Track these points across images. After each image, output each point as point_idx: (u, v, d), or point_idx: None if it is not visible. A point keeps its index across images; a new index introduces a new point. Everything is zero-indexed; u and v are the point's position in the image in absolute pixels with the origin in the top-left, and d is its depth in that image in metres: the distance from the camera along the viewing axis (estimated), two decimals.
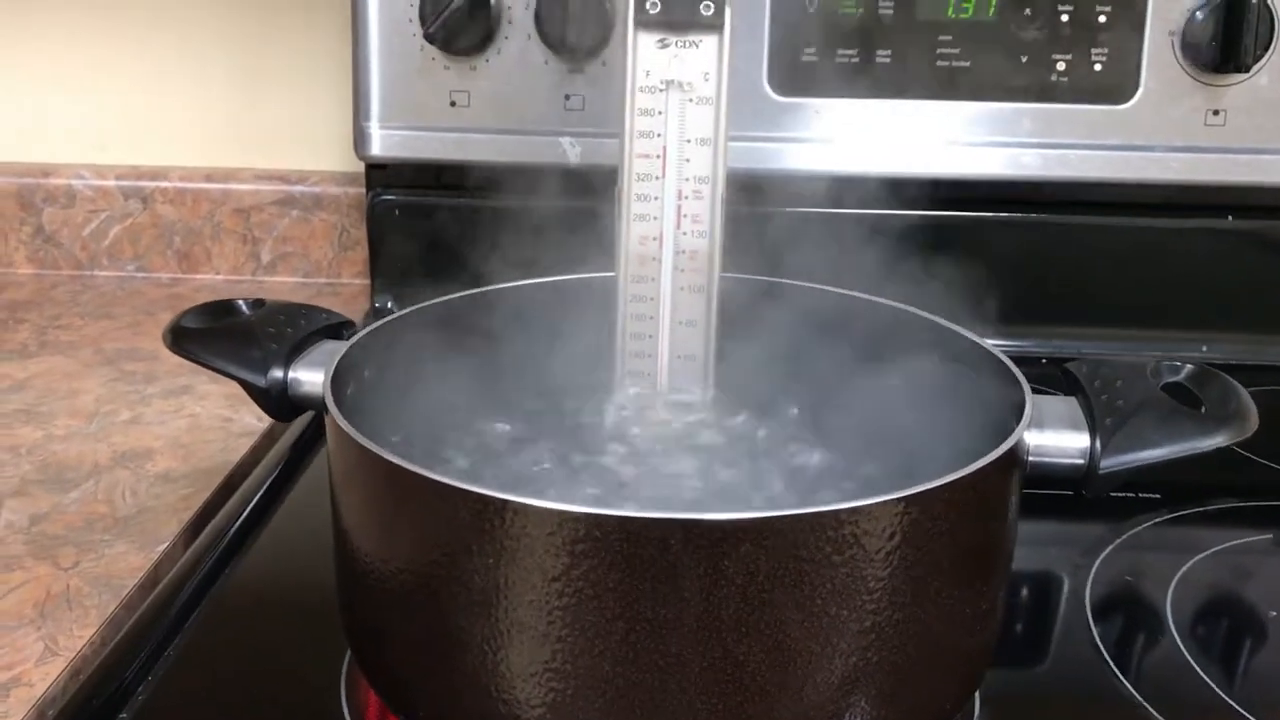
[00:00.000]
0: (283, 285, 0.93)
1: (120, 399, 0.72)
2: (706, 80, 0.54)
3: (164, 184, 0.92)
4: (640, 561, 0.36)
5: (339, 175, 0.92)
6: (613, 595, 0.36)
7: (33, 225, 0.93)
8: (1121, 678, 0.50)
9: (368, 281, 0.87)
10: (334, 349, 0.48)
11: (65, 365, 0.77)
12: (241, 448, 0.67)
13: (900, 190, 0.78)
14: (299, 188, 0.92)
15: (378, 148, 0.82)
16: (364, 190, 0.85)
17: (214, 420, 0.70)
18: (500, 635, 0.38)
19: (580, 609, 0.37)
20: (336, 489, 0.43)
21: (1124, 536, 0.60)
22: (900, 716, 0.40)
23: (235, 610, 0.54)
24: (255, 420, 0.69)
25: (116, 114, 0.94)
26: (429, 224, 0.85)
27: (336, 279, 0.94)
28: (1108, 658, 0.51)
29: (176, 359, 0.51)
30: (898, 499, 0.37)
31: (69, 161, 0.94)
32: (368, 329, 0.50)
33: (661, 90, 0.54)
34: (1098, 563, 0.58)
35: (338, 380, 0.46)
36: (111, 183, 0.93)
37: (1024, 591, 0.56)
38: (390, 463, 0.38)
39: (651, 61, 0.54)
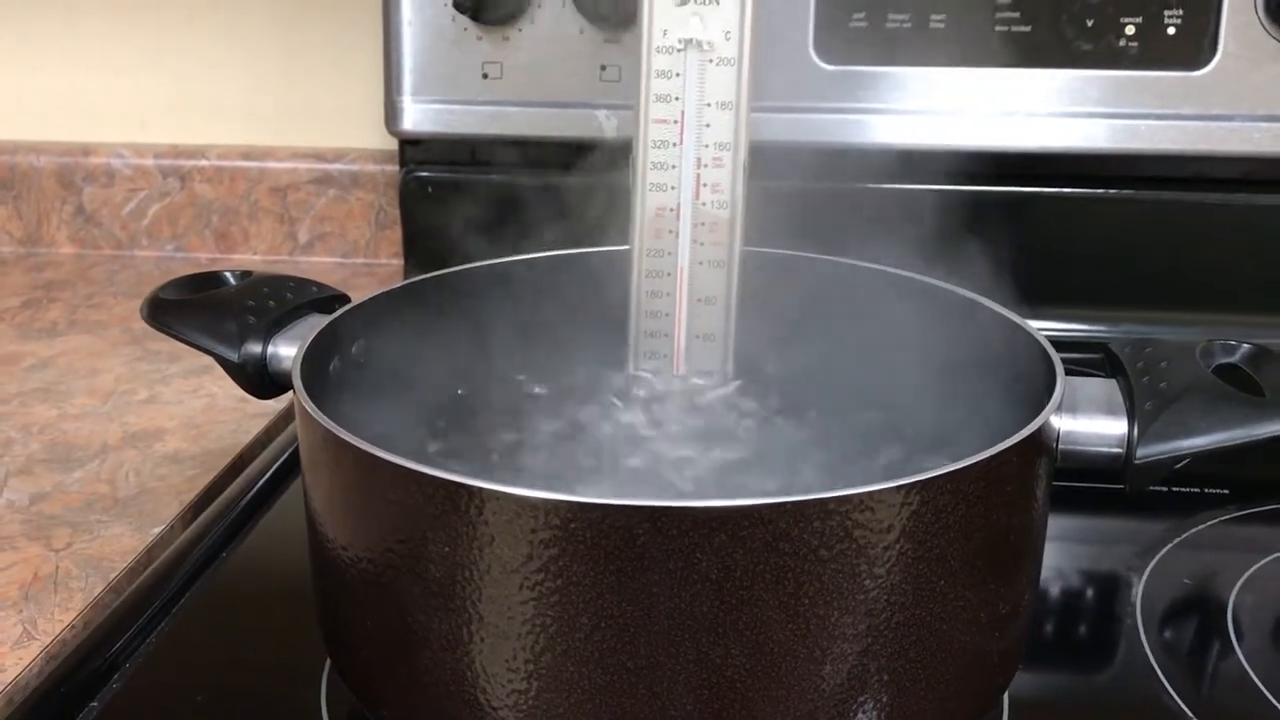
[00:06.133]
0: (320, 265, 0.91)
1: (140, 378, 0.71)
2: (728, 39, 0.50)
3: (202, 162, 0.91)
4: (604, 553, 0.32)
5: (376, 153, 0.90)
6: (576, 590, 0.33)
7: (73, 205, 0.93)
8: (1171, 691, 0.45)
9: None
10: (317, 323, 0.46)
11: (91, 344, 0.76)
12: (255, 429, 0.64)
13: (955, 165, 0.74)
14: (336, 166, 0.90)
15: (409, 122, 0.79)
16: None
17: (231, 401, 0.68)
18: (459, 630, 0.35)
19: (541, 604, 0.33)
20: (305, 470, 0.41)
21: (1184, 535, 0.55)
22: None
23: (227, 597, 0.52)
24: (272, 401, 0.67)
25: (156, 92, 0.93)
26: (464, 201, 0.83)
27: (374, 259, 0.92)
28: (1156, 667, 0.46)
29: None
30: (895, 487, 0.33)
31: (108, 140, 0.93)
32: (354, 303, 0.47)
33: (679, 50, 0.51)
34: (1153, 563, 0.53)
35: (316, 355, 0.43)
36: (150, 161, 0.91)
37: (1066, 591, 0.52)
38: (341, 439, 0.36)
39: (669, 19, 0.50)
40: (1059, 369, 0.40)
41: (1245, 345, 0.42)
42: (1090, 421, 0.39)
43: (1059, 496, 0.42)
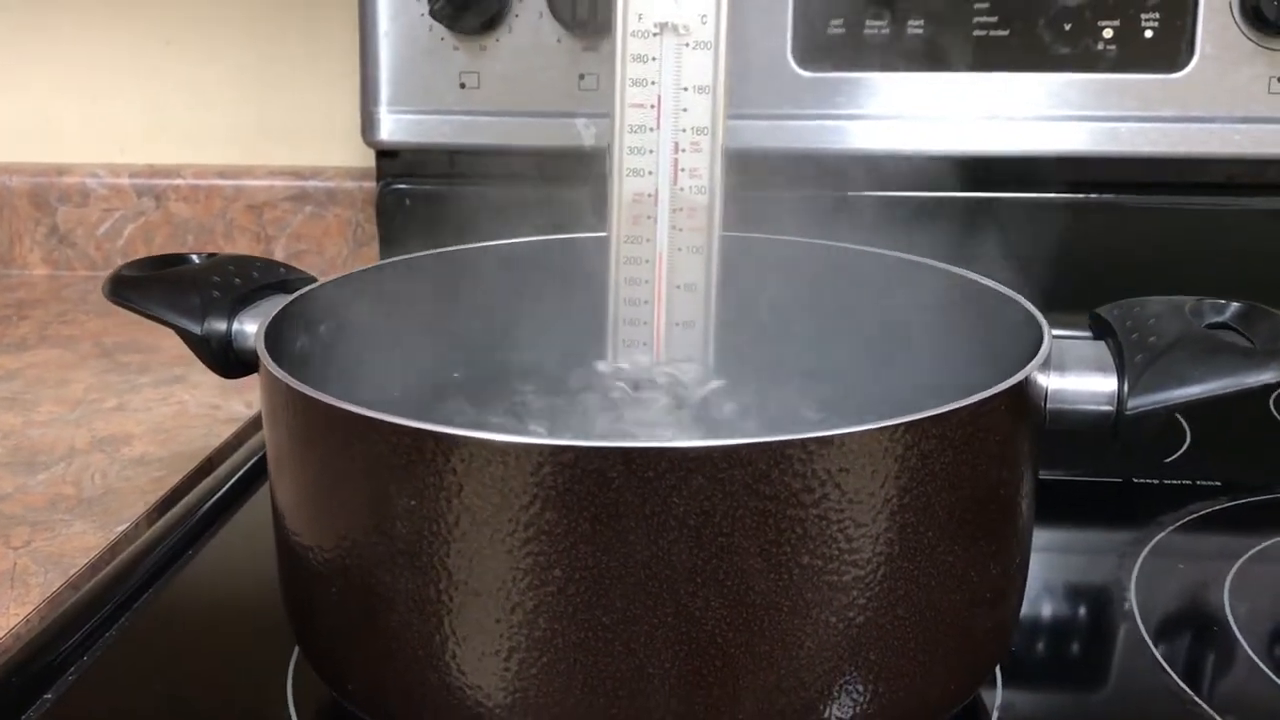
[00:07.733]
0: None
1: (109, 388, 0.69)
2: (704, 23, 0.50)
3: (177, 181, 0.90)
4: (577, 499, 0.31)
5: (353, 170, 0.90)
6: (548, 540, 0.32)
7: (47, 225, 0.92)
8: (1170, 671, 0.44)
9: None
10: (284, 300, 0.44)
11: (61, 357, 0.74)
12: (225, 434, 0.63)
13: (936, 170, 0.74)
14: (312, 183, 0.89)
15: (386, 132, 0.79)
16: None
17: (201, 408, 0.66)
18: (427, 589, 0.33)
19: (512, 557, 0.32)
20: (267, 433, 0.39)
21: (1177, 524, 0.54)
22: (893, 689, 0.34)
23: (191, 595, 0.50)
24: (244, 407, 0.66)
25: (134, 116, 0.92)
26: (441, 214, 0.82)
27: None
28: (1153, 649, 0.45)
29: (174, 350, 0.47)
30: (880, 429, 0.32)
31: (83, 161, 0.92)
32: (321, 281, 0.46)
33: (655, 34, 0.50)
34: (1147, 549, 0.52)
35: (282, 327, 0.42)
36: (125, 181, 0.91)
37: (1061, 577, 0.50)
38: (302, 394, 0.34)
39: (644, 4, 0.50)
40: (1045, 327, 0.39)
41: (1235, 304, 0.41)
42: (1079, 379, 0.38)
43: (1053, 489, 0.40)
